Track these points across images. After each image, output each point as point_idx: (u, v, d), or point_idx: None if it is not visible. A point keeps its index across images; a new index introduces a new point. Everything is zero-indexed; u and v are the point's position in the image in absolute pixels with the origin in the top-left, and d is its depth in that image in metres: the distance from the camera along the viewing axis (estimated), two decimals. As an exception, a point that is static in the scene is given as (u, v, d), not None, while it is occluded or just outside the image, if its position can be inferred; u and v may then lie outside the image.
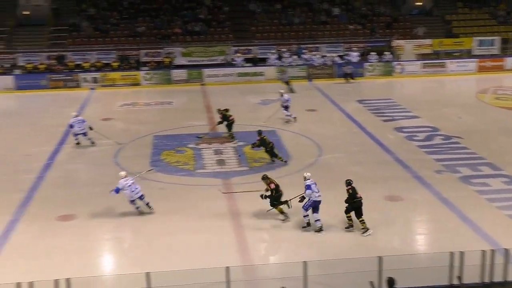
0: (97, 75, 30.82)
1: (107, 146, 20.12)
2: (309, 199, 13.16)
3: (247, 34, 35.28)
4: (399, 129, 21.81)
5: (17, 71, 30.68)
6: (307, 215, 13.29)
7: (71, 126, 20.06)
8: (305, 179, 13.35)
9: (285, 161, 18.06)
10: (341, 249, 12.48)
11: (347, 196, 13.21)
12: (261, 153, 18.55)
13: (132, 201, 14.32)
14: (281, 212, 13.83)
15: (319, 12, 37.28)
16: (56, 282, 9.06)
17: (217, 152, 19.39)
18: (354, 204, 13.13)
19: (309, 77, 31.87)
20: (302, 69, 32.11)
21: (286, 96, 23.17)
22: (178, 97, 28.38)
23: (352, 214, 13.22)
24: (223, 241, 12.99)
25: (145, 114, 24.91)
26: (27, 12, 35.06)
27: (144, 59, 32.46)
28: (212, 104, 26.03)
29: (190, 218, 14.18)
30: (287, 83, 28.50)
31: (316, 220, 13.17)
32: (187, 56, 32.79)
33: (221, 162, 18.42)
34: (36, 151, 19.60)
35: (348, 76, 31.23)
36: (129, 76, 31.18)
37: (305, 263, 9.63)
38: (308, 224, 13.35)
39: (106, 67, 31.63)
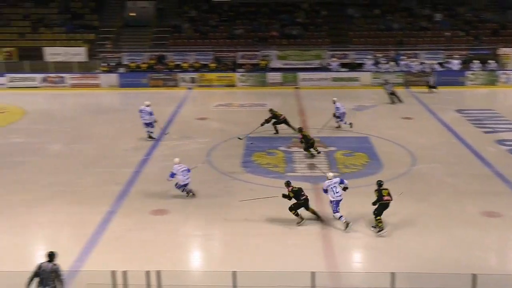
0: (195, 75, 31.74)
1: (201, 144, 20.68)
2: (332, 202, 13.62)
3: (344, 39, 34.92)
4: (501, 142, 20.70)
5: (121, 70, 32.22)
6: (341, 216, 13.54)
7: (141, 111, 21.02)
8: (327, 178, 13.89)
9: (319, 152, 19.14)
10: (432, 262, 12.03)
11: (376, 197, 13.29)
12: (352, 159, 18.27)
13: (181, 186, 15.48)
14: (296, 215, 13.88)
15: (420, 17, 36.21)
16: (148, 273, 9.39)
17: (309, 156, 19.33)
18: (384, 203, 13.20)
19: (406, 84, 31.00)
20: (399, 75, 31.31)
21: (338, 104, 22.52)
22: (272, 99, 28.57)
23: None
24: (310, 245, 12.94)
25: (239, 115, 25.31)
26: (133, 14, 36.82)
27: (241, 61, 33.02)
28: (305, 108, 26.01)
29: (278, 221, 14.23)
30: (391, 93, 27.20)
31: (341, 217, 13.55)
32: (282, 59, 32.99)
33: (312, 167, 18.35)
34: (133, 146, 20.47)
35: (429, 85, 29.95)
36: (225, 77, 31.84)
37: (392, 274, 9.38)
38: (347, 224, 13.50)
39: (204, 68, 32.49)
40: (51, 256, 9.96)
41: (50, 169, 18.32)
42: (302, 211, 13.94)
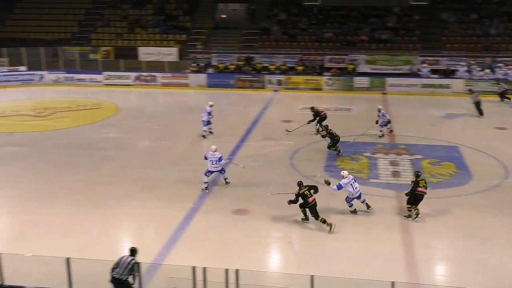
0: (282, 78, 31.88)
1: (284, 146, 20.74)
2: (349, 196, 14.54)
3: (436, 45, 33.80)
4: None
5: (210, 70, 32.95)
6: (352, 205, 14.63)
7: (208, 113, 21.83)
8: (342, 177, 14.52)
9: (341, 154, 19.59)
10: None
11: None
12: (439, 168, 17.66)
13: (207, 171, 16.40)
14: (304, 214, 14.29)
15: (521, 23, 34.41)
16: (227, 271, 9.52)
17: (393, 163, 18.90)
18: (417, 194, 13.88)
19: (502, 94, 29.49)
20: (494, 84, 29.84)
21: (382, 111, 21.93)
22: (358, 104, 28.21)
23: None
24: (391, 254, 12.63)
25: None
26: (224, 16, 37.56)
27: (328, 64, 32.80)
28: (392, 114, 25.43)
29: (360, 227, 14.01)
30: (477, 103, 25.76)
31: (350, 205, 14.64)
32: (371, 63, 32.43)
33: (396, 174, 17.91)
34: (219, 146, 20.80)
35: (503, 95, 28.20)
36: (311, 80, 31.76)
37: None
38: (355, 211, 14.60)
39: (291, 70, 32.56)
40: (133, 251, 10.38)
41: (138, 164, 19.04)
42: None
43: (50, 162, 19.27)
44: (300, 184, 14.28)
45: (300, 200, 14.05)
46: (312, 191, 14.13)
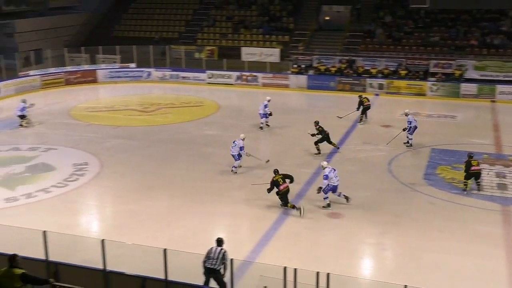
0: (383, 81, 31.18)
1: (383, 152, 20.27)
2: (328, 185, 15.09)
3: (554, 51, 31.59)
4: None
5: (311, 72, 32.88)
6: (327, 197, 15.23)
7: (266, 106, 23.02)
8: (322, 167, 15.39)
9: (338, 147, 20.31)
10: None
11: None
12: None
13: (235, 155, 17.71)
14: (285, 203, 15.09)
15: None
16: (318, 274, 9.45)
17: (499, 175, 17.89)
18: (471, 173, 16.16)
19: None
20: None
21: (410, 117, 20.83)
22: (463, 111, 26.98)
23: None
24: (493, 269, 11.99)
25: (425, 125, 24.21)
26: (328, 18, 37.34)
27: (433, 69, 31.61)
28: (500, 123, 24.10)
29: (459, 239, 13.41)
30: None
31: (325, 198, 15.28)
32: (480, 69, 30.85)
33: (502, 186, 16.93)
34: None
35: None
36: (415, 85, 30.78)
37: None
38: (329, 205, 15.26)
39: (393, 74, 31.75)
40: (220, 241, 10.74)
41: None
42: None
43: (152, 155, 20.09)
44: (275, 172, 15.33)
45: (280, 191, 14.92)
46: (288, 180, 15.11)
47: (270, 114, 23.50)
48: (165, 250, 9.91)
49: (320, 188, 15.24)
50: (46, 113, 26.24)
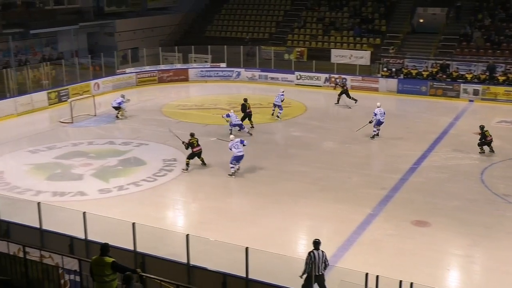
0: (479, 87, 29.82)
1: (475, 160, 19.44)
2: (233, 156, 17.79)
3: None
4: None
5: (402, 75, 32.04)
6: (233, 166, 17.82)
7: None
8: (231, 140, 18.03)
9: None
10: None
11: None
12: None
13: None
14: (187, 164, 18.37)
15: None
16: (400, 283, 9.23)
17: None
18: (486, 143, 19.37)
19: None
20: None
21: (376, 110, 21.93)
22: None
23: None
24: None
25: (524, 135, 23.02)
26: (422, 20, 36.25)
27: (535, 76, 29.85)
28: None
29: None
30: None
31: (232, 167, 17.90)
32: None
33: None
34: (404, 153, 20.25)
35: None
36: (513, 92, 29.23)
37: None
38: (233, 173, 17.77)
39: (491, 80, 30.29)
40: (318, 243, 10.46)
41: (320, 164, 19.28)
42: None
43: (239, 154, 20.39)
44: (192, 134, 18.59)
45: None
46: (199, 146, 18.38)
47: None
48: (247, 248, 10.04)
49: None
50: (140, 109, 27.34)
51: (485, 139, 19.94)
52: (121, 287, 8.93)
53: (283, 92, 25.68)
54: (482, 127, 20.08)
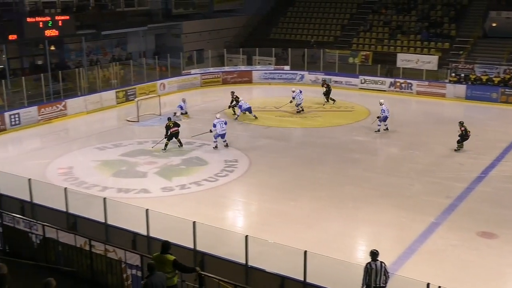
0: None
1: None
2: (216, 132, 20.73)
3: None
4: None
5: (471, 81, 31.02)
6: (216, 141, 20.87)
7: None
8: (216, 118, 20.92)
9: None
10: None
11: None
12: None
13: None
14: (166, 144, 20.90)
15: None
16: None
17: None
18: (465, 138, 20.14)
19: None
20: None
21: (384, 107, 22.93)
22: None
23: None
24: None
25: None
26: (495, 24, 34.98)
27: None
28: None
29: None
30: None
31: (215, 142, 21.09)
32: None
33: None
34: (470, 162, 19.61)
35: None
36: None
37: None
38: (216, 147, 20.92)
39: None
40: (376, 254, 10.14)
41: (382, 170, 18.96)
42: None
43: (300, 157, 20.34)
44: (169, 119, 21.24)
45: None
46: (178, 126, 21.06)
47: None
48: (305, 252, 9.99)
49: (211, 131, 21.12)
50: (203, 109, 27.76)
51: (466, 135, 20.50)
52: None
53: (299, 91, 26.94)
54: (461, 123, 20.74)
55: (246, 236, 10.67)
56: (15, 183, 14.58)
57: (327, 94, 29.11)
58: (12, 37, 27.02)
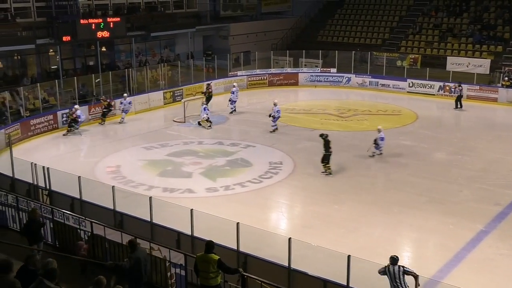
0: None
1: None
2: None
3: None
4: None
5: (524, 86, 30.08)
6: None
7: None
8: (202, 104, 24.42)
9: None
10: None
11: None
12: None
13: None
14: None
15: None
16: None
17: None
18: None
19: None
20: None
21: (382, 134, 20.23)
22: None
23: None
24: None
25: None
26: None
27: None
28: None
29: None
30: None
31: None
32: None
33: None
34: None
35: None
36: None
37: None
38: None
39: None
40: (396, 260, 10.03)
41: (429, 175, 18.58)
42: None
43: (345, 161, 20.17)
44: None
45: None
46: None
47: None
48: (349, 256, 9.91)
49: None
50: (249, 111, 27.88)
51: None
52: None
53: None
54: None
55: (289, 239, 10.66)
56: (66, 180, 15.02)
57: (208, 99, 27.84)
58: (66, 38, 27.89)
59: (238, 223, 11.22)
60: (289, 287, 10.42)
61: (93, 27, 28.34)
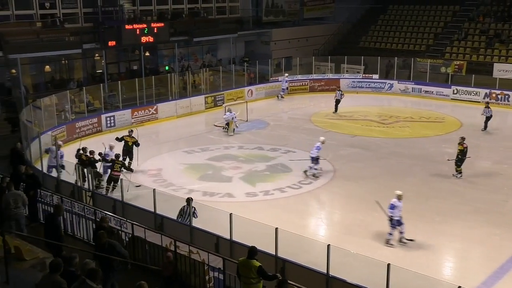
0: None
1: None
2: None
3: None
4: None
5: None
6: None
7: None
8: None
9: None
10: None
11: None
12: None
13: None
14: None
15: None
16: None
17: None
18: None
19: None
20: None
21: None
22: None
23: None
24: None
25: None
26: None
27: None
28: None
29: None
30: None
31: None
32: None
33: None
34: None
35: None
36: None
37: None
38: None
39: None
40: None
41: (475, 184, 18.18)
42: None
43: (386, 168, 19.92)
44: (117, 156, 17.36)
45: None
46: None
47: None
48: (388, 264, 9.76)
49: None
50: (289, 117, 27.85)
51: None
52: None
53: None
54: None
55: (328, 245, 10.57)
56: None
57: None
58: (112, 43, 28.49)
59: (276, 229, 11.20)
60: (327, 294, 10.33)
61: (138, 32, 28.86)
